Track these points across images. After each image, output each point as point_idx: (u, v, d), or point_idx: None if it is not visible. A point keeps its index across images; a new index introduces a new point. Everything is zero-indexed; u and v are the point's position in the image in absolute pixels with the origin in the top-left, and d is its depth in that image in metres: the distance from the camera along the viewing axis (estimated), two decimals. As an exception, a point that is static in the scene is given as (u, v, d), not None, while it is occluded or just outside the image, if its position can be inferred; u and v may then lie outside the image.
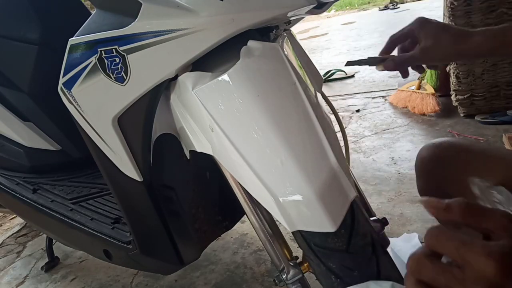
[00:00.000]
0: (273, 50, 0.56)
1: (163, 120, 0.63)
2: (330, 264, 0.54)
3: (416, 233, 1.23)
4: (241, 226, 1.49)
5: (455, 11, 1.85)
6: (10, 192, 1.15)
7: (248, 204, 0.60)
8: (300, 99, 0.54)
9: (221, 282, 1.24)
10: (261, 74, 0.53)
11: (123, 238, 0.87)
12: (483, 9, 1.80)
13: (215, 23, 0.51)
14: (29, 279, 1.50)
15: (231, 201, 0.63)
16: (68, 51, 0.62)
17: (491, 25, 1.92)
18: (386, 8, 6.85)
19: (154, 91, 0.57)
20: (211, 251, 1.40)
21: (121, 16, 0.55)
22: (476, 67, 1.90)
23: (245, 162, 0.52)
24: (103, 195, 1.08)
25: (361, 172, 1.67)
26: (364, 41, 4.54)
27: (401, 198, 1.45)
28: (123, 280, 1.37)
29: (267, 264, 1.27)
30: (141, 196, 0.71)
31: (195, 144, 0.60)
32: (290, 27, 0.77)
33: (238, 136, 0.53)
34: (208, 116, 0.54)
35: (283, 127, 0.51)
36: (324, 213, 0.49)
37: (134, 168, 0.67)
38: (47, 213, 1.05)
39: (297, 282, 0.60)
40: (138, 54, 0.54)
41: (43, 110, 1.24)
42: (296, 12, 0.55)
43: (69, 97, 0.66)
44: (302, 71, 0.68)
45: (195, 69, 0.57)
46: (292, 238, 1.14)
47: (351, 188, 0.52)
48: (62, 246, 1.61)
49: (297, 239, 0.56)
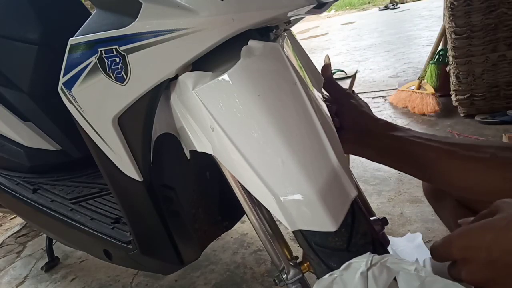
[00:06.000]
0: (273, 50, 0.56)
1: (163, 120, 0.63)
2: (330, 263, 0.54)
3: (419, 233, 1.23)
4: (241, 226, 1.49)
5: (455, 11, 1.85)
6: (10, 192, 1.15)
7: (248, 204, 0.60)
8: (300, 99, 0.54)
9: (221, 282, 1.24)
10: (261, 73, 0.53)
11: (123, 238, 0.87)
12: (483, 9, 1.80)
13: (215, 23, 0.51)
14: (29, 279, 1.50)
15: (231, 201, 0.63)
16: (68, 51, 0.62)
17: (491, 25, 1.93)
18: (386, 8, 6.86)
19: (154, 91, 0.57)
20: (211, 251, 1.40)
21: (121, 16, 0.55)
22: (476, 67, 1.90)
23: (245, 161, 0.52)
24: (103, 195, 1.08)
25: (361, 172, 1.67)
26: (364, 41, 4.55)
27: (401, 198, 1.45)
28: (123, 280, 1.37)
29: (267, 264, 1.27)
30: (141, 196, 0.70)
31: (196, 143, 0.60)
32: (290, 27, 0.77)
33: (239, 136, 0.53)
34: (208, 115, 0.54)
35: (284, 126, 0.51)
36: (325, 212, 0.49)
37: (134, 168, 0.67)
38: (47, 213, 1.05)
39: (297, 282, 0.60)
40: (138, 54, 0.54)
41: (43, 110, 1.24)
42: (296, 12, 0.55)
43: (69, 97, 0.66)
44: (302, 71, 0.68)
45: (195, 69, 0.57)
46: (292, 238, 1.14)
47: (352, 188, 0.52)
48: (62, 246, 1.61)
49: (298, 238, 0.56)
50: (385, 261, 0.44)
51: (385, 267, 0.43)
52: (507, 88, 1.90)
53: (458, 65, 1.93)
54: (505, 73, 1.88)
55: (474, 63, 1.90)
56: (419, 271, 0.42)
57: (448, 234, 0.44)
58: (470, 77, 1.93)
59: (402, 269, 0.43)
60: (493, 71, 1.89)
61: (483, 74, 1.91)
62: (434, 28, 4.08)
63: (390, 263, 0.44)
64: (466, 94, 1.95)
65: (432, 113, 2.11)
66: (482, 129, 1.85)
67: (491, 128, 1.85)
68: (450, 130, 1.91)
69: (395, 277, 0.42)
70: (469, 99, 1.96)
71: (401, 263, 0.44)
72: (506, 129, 1.78)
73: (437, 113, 2.10)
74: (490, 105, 1.95)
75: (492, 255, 0.39)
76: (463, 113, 2.01)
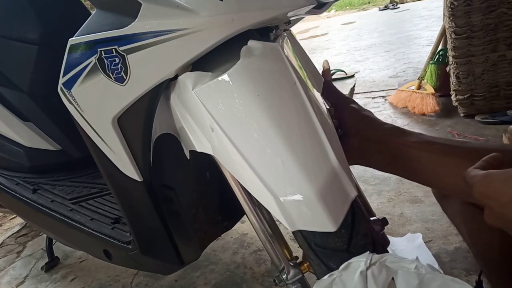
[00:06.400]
0: (273, 50, 0.56)
1: (163, 120, 0.63)
2: (330, 264, 0.54)
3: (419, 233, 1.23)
4: (241, 226, 1.49)
5: (455, 11, 1.85)
6: (10, 192, 1.15)
7: (248, 204, 0.60)
8: (300, 99, 0.54)
9: (221, 282, 1.24)
10: (261, 74, 0.53)
11: (123, 238, 0.87)
12: (483, 9, 1.80)
13: (215, 23, 0.51)
14: (29, 279, 1.50)
15: (231, 201, 0.63)
16: (68, 51, 0.62)
17: (491, 25, 1.93)
18: (386, 8, 6.85)
19: (154, 91, 0.57)
20: (211, 251, 1.40)
21: (121, 16, 0.55)
22: (476, 67, 1.90)
23: (245, 162, 0.52)
24: (103, 195, 1.08)
25: (361, 172, 1.67)
26: (364, 41, 4.54)
27: (401, 198, 1.45)
28: (123, 280, 1.37)
29: (267, 264, 1.27)
30: (141, 196, 0.70)
31: (195, 144, 0.60)
32: (290, 27, 0.77)
33: (239, 136, 0.53)
34: (208, 116, 0.54)
35: (284, 126, 0.51)
36: (325, 213, 0.49)
37: (134, 168, 0.67)
38: (47, 213, 1.05)
39: (297, 282, 0.60)
40: (138, 54, 0.54)
41: (43, 110, 1.24)
42: (296, 12, 0.55)
43: (69, 97, 0.66)
44: (302, 71, 0.68)
45: (195, 69, 0.57)
46: (292, 238, 1.14)
47: (352, 188, 0.52)
48: (62, 246, 1.61)
49: (298, 239, 0.56)
50: (384, 260, 0.44)
51: (385, 266, 0.43)
52: (507, 88, 1.90)
53: (458, 65, 1.93)
54: (505, 73, 1.88)
55: (474, 63, 1.90)
56: (419, 269, 0.42)
57: (475, 172, 0.44)
58: (470, 77, 1.93)
59: (402, 268, 0.43)
60: (493, 71, 1.89)
61: (483, 74, 1.90)
62: (434, 28, 4.08)
63: (389, 262, 0.44)
64: (466, 94, 1.95)
65: (432, 113, 2.11)
66: (482, 129, 1.85)
67: (491, 128, 1.85)
68: (450, 130, 1.91)
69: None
70: (469, 99, 1.96)
71: (401, 262, 0.44)
72: (506, 129, 1.77)
73: (437, 113, 2.10)
74: (490, 105, 1.95)
75: (507, 215, 0.40)
76: (463, 113, 2.01)
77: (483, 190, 0.43)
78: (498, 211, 0.41)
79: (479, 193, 0.43)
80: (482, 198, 0.43)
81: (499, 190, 0.41)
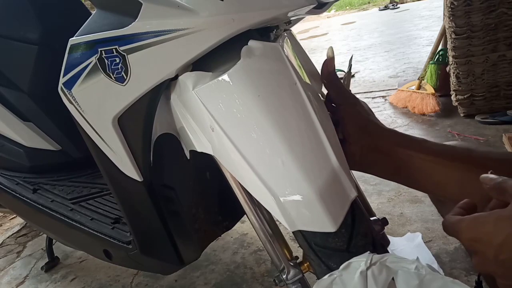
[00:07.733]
0: (273, 50, 0.56)
1: (163, 120, 0.63)
2: (330, 264, 0.54)
3: (419, 233, 1.23)
4: (241, 226, 1.49)
5: (455, 11, 1.85)
6: (10, 192, 1.15)
7: (248, 204, 0.60)
8: (301, 99, 0.54)
9: (221, 282, 1.24)
10: (262, 74, 0.53)
11: (123, 238, 0.87)
12: (483, 9, 1.80)
13: (215, 23, 0.51)
14: (29, 279, 1.50)
15: (231, 201, 0.63)
16: (68, 51, 0.62)
17: (491, 25, 1.93)
18: (386, 8, 6.85)
19: (154, 91, 0.57)
20: (211, 251, 1.40)
21: (121, 16, 0.55)
22: (476, 67, 1.90)
23: (245, 162, 0.52)
24: (103, 195, 1.08)
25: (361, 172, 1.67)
26: (364, 41, 4.55)
27: (401, 198, 1.45)
28: (123, 280, 1.37)
29: (267, 264, 1.27)
30: (141, 196, 0.70)
31: (196, 144, 0.60)
32: (290, 27, 0.77)
33: (239, 136, 0.53)
34: (208, 116, 0.54)
35: (284, 127, 0.51)
36: (325, 213, 0.49)
37: (134, 168, 0.67)
38: (47, 213, 1.05)
39: (297, 282, 0.60)
40: (138, 54, 0.54)
41: (43, 110, 1.24)
42: (296, 12, 0.55)
43: (69, 97, 0.66)
44: (302, 71, 0.68)
45: (195, 69, 0.57)
46: (292, 238, 1.14)
47: (352, 188, 0.52)
48: (62, 246, 1.61)
49: (298, 239, 0.56)
50: (384, 260, 0.44)
51: (385, 266, 0.43)
52: (507, 88, 1.90)
53: (458, 65, 1.93)
54: (505, 73, 1.88)
55: (474, 63, 1.90)
56: (419, 269, 0.42)
57: (458, 218, 0.42)
58: (470, 77, 1.93)
59: (402, 268, 0.43)
60: (493, 71, 1.89)
61: (483, 74, 1.91)
62: (434, 28, 4.08)
63: (389, 262, 0.44)
64: (466, 94, 1.95)
65: (432, 113, 2.11)
66: (482, 129, 1.85)
67: (491, 128, 1.85)
68: (450, 130, 1.91)
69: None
70: (469, 99, 1.96)
71: (401, 262, 0.44)
72: (506, 129, 1.78)
73: (437, 113, 2.10)
74: (490, 105, 1.95)
75: (500, 256, 0.38)
76: (463, 113, 2.01)
77: (472, 235, 0.40)
78: (491, 254, 0.39)
79: (468, 239, 0.41)
80: (472, 243, 0.41)
81: (491, 232, 0.39)
